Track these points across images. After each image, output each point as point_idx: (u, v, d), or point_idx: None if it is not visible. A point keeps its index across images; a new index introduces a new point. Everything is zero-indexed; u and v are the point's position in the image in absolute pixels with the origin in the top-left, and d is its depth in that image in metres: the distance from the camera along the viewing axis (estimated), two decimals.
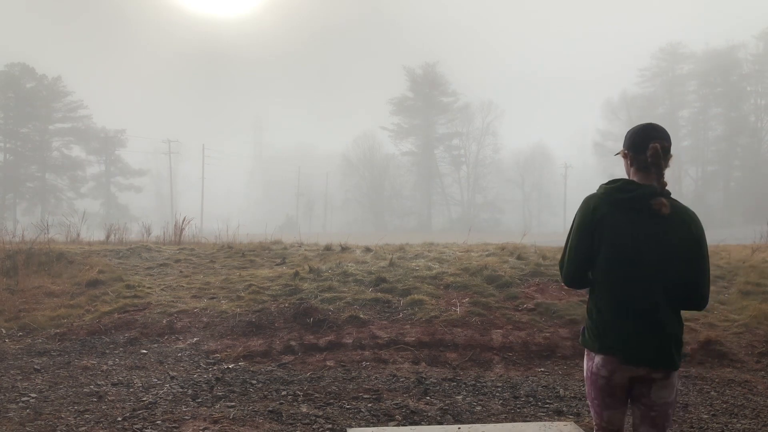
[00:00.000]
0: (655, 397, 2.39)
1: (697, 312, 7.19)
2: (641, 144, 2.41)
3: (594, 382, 2.47)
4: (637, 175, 2.45)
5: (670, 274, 2.33)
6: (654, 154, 2.36)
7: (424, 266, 9.08)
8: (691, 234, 2.37)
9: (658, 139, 2.39)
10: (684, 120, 71.24)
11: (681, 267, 2.35)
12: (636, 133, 2.45)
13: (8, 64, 62.48)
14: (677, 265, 2.34)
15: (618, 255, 2.36)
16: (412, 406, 4.61)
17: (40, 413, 4.36)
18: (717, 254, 10.49)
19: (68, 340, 6.60)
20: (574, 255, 2.47)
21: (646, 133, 2.42)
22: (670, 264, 2.33)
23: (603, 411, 2.49)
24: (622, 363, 2.36)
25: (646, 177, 2.42)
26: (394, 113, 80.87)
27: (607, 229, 2.37)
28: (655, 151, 2.36)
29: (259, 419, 4.29)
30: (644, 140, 2.40)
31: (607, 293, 2.40)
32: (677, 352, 2.37)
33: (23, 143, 63.87)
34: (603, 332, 2.40)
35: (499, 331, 6.58)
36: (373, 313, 7.07)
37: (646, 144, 2.39)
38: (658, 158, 2.37)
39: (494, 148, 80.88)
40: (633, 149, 2.44)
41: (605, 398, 2.46)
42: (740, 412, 4.61)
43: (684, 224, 2.37)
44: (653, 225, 2.35)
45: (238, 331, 6.70)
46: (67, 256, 10.10)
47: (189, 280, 9.08)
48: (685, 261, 2.35)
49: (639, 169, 2.44)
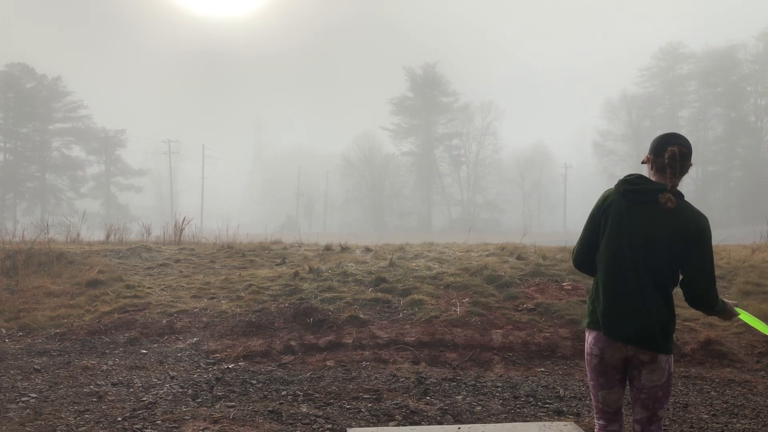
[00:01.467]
0: (644, 380, 2.55)
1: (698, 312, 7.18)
2: (661, 148, 2.59)
3: (589, 363, 2.68)
4: (654, 176, 2.64)
5: (658, 264, 2.50)
6: (671, 156, 2.54)
7: (424, 266, 9.08)
8: (688, 230, 2.48)
9: (677, 144, 2.57)
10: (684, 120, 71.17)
11: (670, 259, 2.50)
12: (658, 139, 2.67)
13: (8, 64, 62.47)
14: (666, 257, 2.49)
15: (613, 238, 2.57)
16: (412, 406, 4.61)
17: (40, 413, 4.36)
18: (717, 254, 10.49)
19: (68, 340, 6.60)
20: (581, 238, 2.74)
21: (667, 139, 2.62)
22: (659, 255, 2.49)
23: (598, 391, 2.67)
24: (607, 338, 2.55)
25: (661, 177, 2.60)
26: (394, 113, 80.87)
27: (612, 216, 2.58)
28: (672, 154, 2.54)
29: (259, 419, 4.29)
30: (664, 144, 2.59)
31: (601, 273, 2.61)
32: (663, 338, 2.52)
33: (23, 143, 63.85)
34: (593, 309, 2.63)
35: (499, 331, 6.58)
36: (373, 313, 7.07)
37: (665, 148, 2.57)
38: (674, 160, 2.53)
39: (494, 148, 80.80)
40: (654, 153, 2.63)
41: (599, 378, 2.64)
42: (740, 412, 4.61)
43: (684, 221, 2.50)
44: (653, 216, 2.52)
45: (238, 331, 6.70)
46: (67, 256, 10.10)
47: (189, 280, 9.08)
48: (677, 255, 2.50)
49: (656, 170, 2.62)
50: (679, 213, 2.50)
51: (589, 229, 2.69)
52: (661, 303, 2.52)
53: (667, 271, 2.51)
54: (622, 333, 2.51)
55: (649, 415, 2.58)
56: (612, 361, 2.58)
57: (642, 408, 2.58)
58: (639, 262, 2.50)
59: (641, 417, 2.59)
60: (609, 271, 2.57)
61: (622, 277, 2.53)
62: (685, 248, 2.49)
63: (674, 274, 2.54)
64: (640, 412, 2.59)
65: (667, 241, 2.48)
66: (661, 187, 2.53)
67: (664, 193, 2.50)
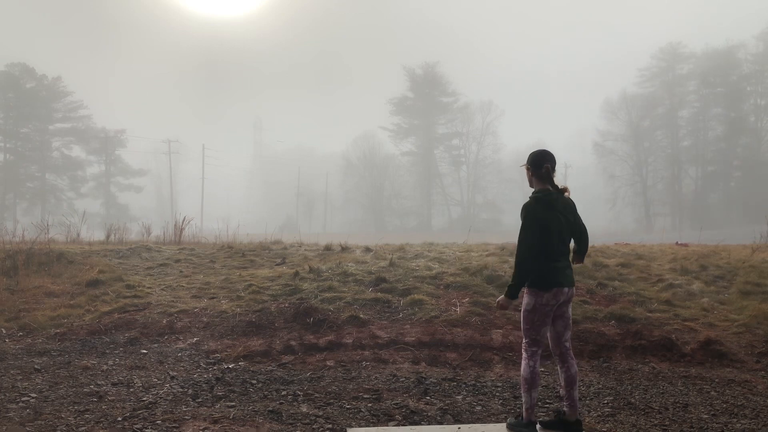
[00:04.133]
0: (571, 312, 4.04)
1: (698, 312, 7.19)
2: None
3: (541, 310, 3.81)
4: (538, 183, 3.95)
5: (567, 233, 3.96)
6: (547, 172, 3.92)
7: (424, 266, 9.08)
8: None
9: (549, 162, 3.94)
10: (684, 120, 71.09)
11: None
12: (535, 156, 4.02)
13: (8, 64, 62.46)
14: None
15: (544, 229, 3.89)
16: (412, 406, 4.62)
17: (40, 413, 4.36)
18: (717, 254, 10.50)
19: (68, 340, 6.60)
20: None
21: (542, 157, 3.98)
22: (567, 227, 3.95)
23: (541, 328, 3.85)
24: (563, 288, 3.83)
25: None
26: (394, 113, 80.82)
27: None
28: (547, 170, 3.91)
29: (259, 419, 4.29)
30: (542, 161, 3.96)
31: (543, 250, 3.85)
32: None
33: (23, 143, 63.84)
34: (547, 274, 3.80)
35: (499, 331, 6.58)
36: (373, 313, 7.07)
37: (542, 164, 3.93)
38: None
39: (494, 148, 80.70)
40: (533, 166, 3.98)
41: (545, 319, 3.84)
42: (740, 412, 4.61)
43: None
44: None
45: (238, 331, 6.70)
46: (67, 256, 10.10)
47: (189, 280, 9.08)
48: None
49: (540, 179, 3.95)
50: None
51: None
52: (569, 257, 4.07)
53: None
54: (566, 282, 3.86)
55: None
56: (554, 303, 3.85)
57: (569, 331, 3.99)
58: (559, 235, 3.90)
59: (569, 336, 4.00)
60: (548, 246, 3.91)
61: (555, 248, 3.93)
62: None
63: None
64: (568, 335, 3.99)
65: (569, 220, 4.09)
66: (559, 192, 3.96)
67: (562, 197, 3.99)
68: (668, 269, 9.28)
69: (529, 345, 3.87)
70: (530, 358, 3.85)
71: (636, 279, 8.63)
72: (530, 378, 3.82)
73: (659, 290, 8.07)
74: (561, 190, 3.92)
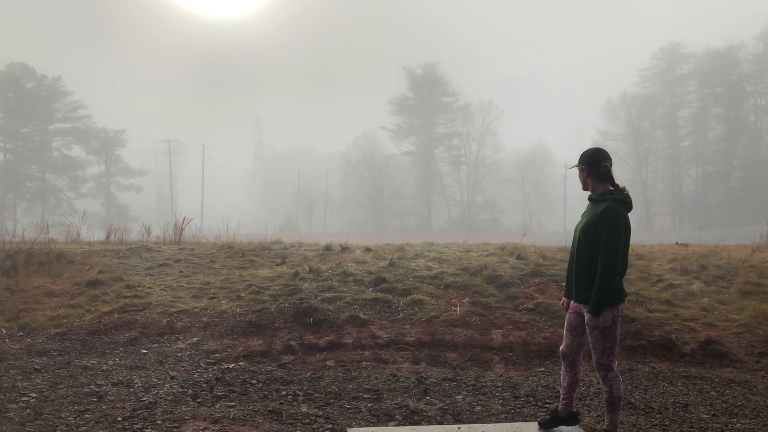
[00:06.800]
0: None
1: (698, 312, 7.19)
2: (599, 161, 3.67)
3: (618, 325, 3.59)
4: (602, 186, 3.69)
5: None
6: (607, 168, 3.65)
7: (424, 266, 9.08)
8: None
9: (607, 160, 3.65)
10: (684, 120, 71.13)
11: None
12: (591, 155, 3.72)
13: (8, 64, 62.45)
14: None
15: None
16: (412, 406, 4.62)
17: (40, 413, 4.36)
18: (717, 254, 10.50)
19: (68, 340, 6.60)
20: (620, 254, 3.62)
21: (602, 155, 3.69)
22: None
23: (617, 342, 3.61)
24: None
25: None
26: (394, 113, 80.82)
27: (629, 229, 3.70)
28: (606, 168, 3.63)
29: (259, 419, 4.29)
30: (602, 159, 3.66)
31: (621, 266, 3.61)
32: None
33: (23, 143, 63.82)
34: (620, 286, 3.59)
35: (499, 331, 6.58)
36: (373, 313, 7.07)
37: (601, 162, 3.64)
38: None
39: (494, 148, 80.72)
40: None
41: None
42: (740, 412, 4.61)
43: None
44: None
45: (238, 331, 6.70)
46: (67, 256, 10.10)
47: (189, 280, 9.08)
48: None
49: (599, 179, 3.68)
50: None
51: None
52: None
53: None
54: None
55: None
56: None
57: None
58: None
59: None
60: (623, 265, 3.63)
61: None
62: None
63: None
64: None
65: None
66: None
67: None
68: (668, 269, 9.28)
69: (613, 361, 3.62)
70: (618, 374, 3.65)
71: (636, 279, 8.63)
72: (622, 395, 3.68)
73: (659, 290, 8.07)
74: (620, 189, 3.58)
